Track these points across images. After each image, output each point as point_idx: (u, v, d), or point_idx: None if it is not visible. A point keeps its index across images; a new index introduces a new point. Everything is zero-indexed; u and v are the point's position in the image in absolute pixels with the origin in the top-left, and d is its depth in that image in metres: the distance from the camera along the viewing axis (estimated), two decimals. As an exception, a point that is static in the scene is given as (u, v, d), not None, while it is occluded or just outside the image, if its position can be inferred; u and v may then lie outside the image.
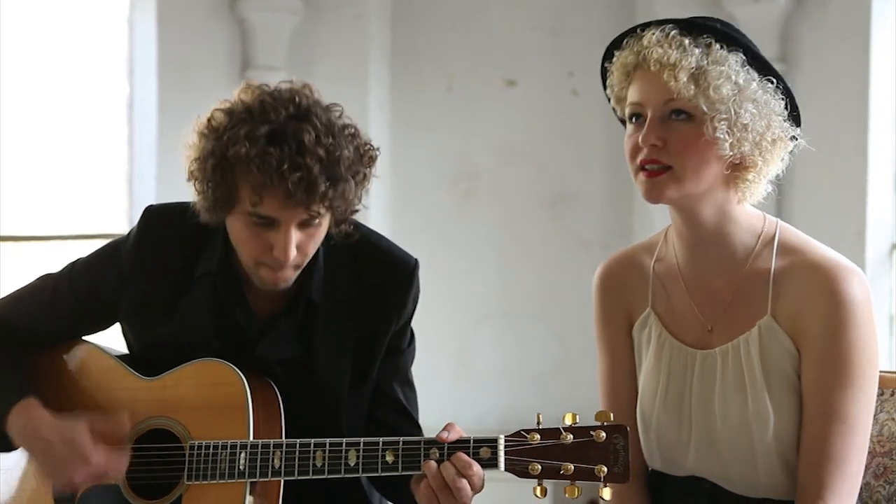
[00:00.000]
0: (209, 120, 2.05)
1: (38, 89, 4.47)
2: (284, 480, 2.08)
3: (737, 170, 2.04)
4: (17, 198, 4.33)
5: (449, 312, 5.09)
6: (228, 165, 2.01)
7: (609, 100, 2.15)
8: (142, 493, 2.14)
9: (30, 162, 4.42)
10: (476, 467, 1.98)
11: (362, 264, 2.20)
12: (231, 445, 2.07)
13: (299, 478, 2.04)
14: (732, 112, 1.99)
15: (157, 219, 2.21)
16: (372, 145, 2.10)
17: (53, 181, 4.51)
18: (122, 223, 4.64)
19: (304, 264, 2.11)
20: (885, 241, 4.46)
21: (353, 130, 2.07)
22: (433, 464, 1.99)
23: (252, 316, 2.18)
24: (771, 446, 2.04)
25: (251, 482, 2.06)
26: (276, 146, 1.98)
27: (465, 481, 1.98)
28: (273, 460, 2.04)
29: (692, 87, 1.99)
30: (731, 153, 2.01)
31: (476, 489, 2.00)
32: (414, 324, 2.28)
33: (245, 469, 2.05)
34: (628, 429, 1.96)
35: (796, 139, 2.06)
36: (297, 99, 2.04)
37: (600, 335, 2.24)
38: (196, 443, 2.09)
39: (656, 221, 4.84)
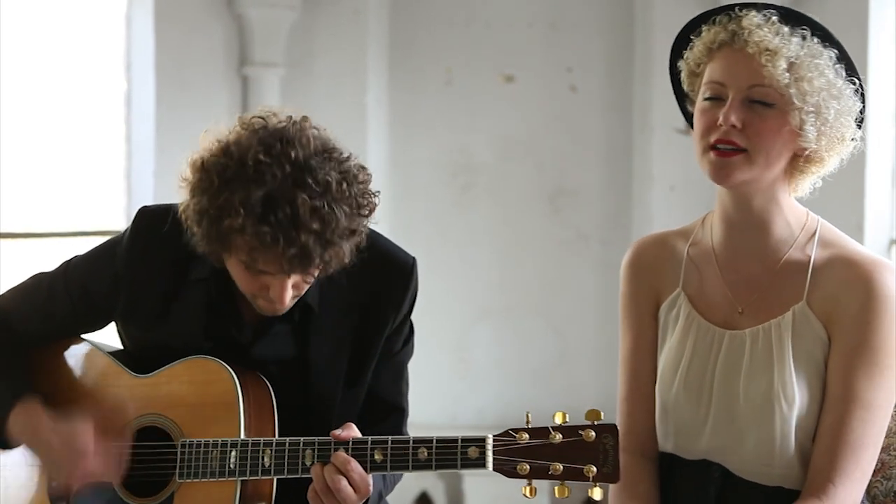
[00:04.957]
0: (203, 165, 2.00)
1: (36, 86, 4.46)
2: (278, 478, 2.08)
3: (805, 162, 2.08)
4: (15, 195, 4.33)
5: (448, 307, 5.10)
6: (223, 232, 1.97)
7: (675, 74, 2.14)
8: (134, 490, 2.14)
9: (28, 158, 4.42)
10: (354, 464, 1.98)
11: (360, 264, 2.17)
12: (222, 444, 2.07)
13: (289, 476, 2.04)
14: (821, 106, 2.02)
15: (151, 221, 2.18)
16: (371, 193, 2.06)
17: (51, 178, 4.50)
18: (119, 220, 4.64)
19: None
20: (883, 236, 4.46)
21: (350, 178, 2.02)
22: (318, 466, 2.00)
23: (244, 325, 2.18)
24: (792, 430, 2.05)
25: (242, 480, 2.06)
26: (270, 217, 1.93)
27: (344, 481, 1.98)
28: (263, 459, 2.04)
29: (787, 75, 2.00)
30: (814, 146, 2.04)
31: (359, 490, 1.99)
32: (413, 319, 2.28)
33: (235, 468, 2.05)
34: (617, 427, 1.95)
35: (855, 140, 2.10)
36: (292, 154, 1.97)
37: (625, 314, 2.25)
38: (187, 441, 2.09)
39: (654, 216, 4.86)
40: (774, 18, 2.04)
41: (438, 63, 5.19)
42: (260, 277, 2.03)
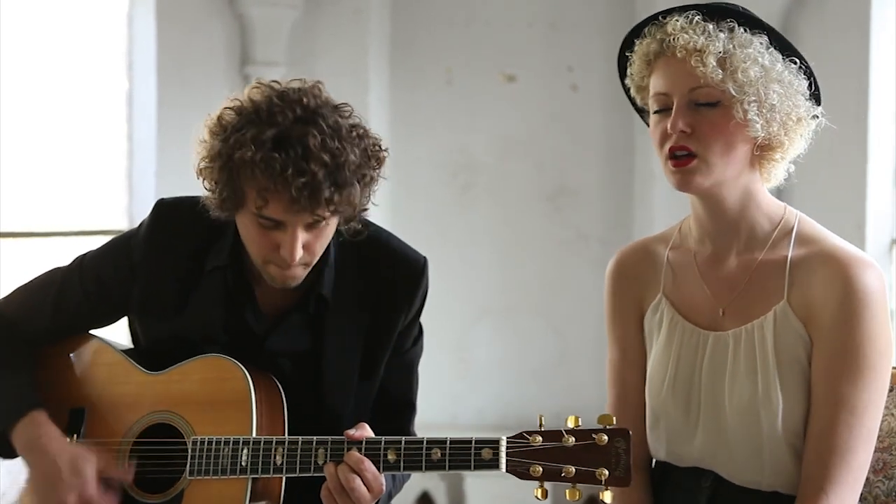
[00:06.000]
0: (219, 118, 2.05)
1: (38, 85, 4.46)
2: (287, 476, 2.08)
3: (764, 150, 2.08)
4: (17, 194, 4.32)
5: (448, 307, 5.10)
6: (234, 168, 2.01)
7: (627, 90, 2.16)
8: (144, 487, 2.15)
9: (29, 158, 4.41)
10: (368, 464, 2.00)
11: (372, 262, 2.21)
12: (234, 441, 2.07)
13: (301, 475, 2.04)
14: (761, 94, 2.02)
15: (169, 213, 2.21)
16: (380, 146, 2.10)
17: (53, 177, 4.50)
18: (121, 219, 4.64)
19: (313, 263, 2.12)
20: (885, 235, 4.45)
21: (361, 131, 2.07)
22: (331, 465, 2.01)
23: (260, 314, 2.19)
24: (779, 434, 2.04)
25: (253, 478, 2.07)
26: (280, 151, 1.98)
27: (358, 480, 1.99)
28: (275, 457, 2.05)
29: (720, 71, 2.01)
30: (762, 134, 2.04)
31: (372, 489, 2.00)
32: (413, 318, 2.28)
33: (247, 465, 2.06)
34: (630, 431, 1.94)
35: (818, 118, 2.10)
36: (304, 100, 2.03)
37: (611, 325, 2.25)
38: (199, 438, 2.10)
39: (656, 215, 4.86)
40: (697, 18, 2.05)
41: (439, 62, 5.20)
42: (271, 234, 2.05)
